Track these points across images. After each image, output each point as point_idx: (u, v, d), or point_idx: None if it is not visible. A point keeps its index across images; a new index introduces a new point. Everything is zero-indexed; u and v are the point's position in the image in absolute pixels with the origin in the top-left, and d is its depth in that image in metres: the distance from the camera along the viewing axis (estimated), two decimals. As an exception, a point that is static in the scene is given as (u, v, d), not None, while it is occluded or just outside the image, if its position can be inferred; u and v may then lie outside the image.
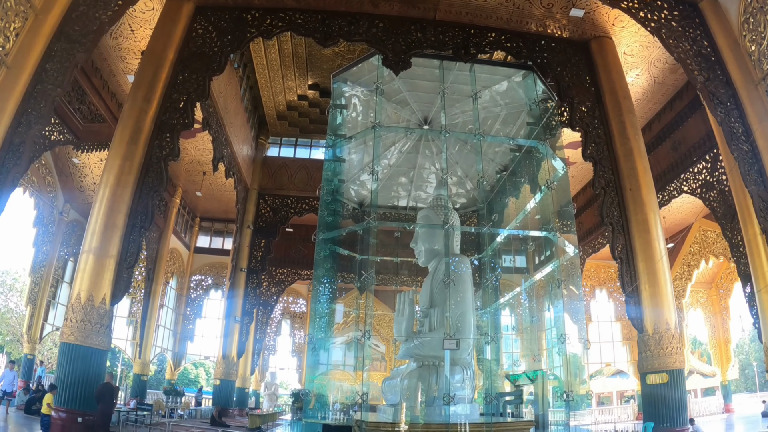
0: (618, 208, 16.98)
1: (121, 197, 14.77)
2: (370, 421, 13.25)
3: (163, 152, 15.81)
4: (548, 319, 27.58)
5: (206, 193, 30.75)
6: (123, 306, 30.27)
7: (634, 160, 17.10)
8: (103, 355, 14.54)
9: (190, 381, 54.82)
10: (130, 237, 14.83)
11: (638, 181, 16.87)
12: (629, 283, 16.34)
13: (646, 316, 15.88)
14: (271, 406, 29.94)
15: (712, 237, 26.57)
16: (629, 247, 16.53)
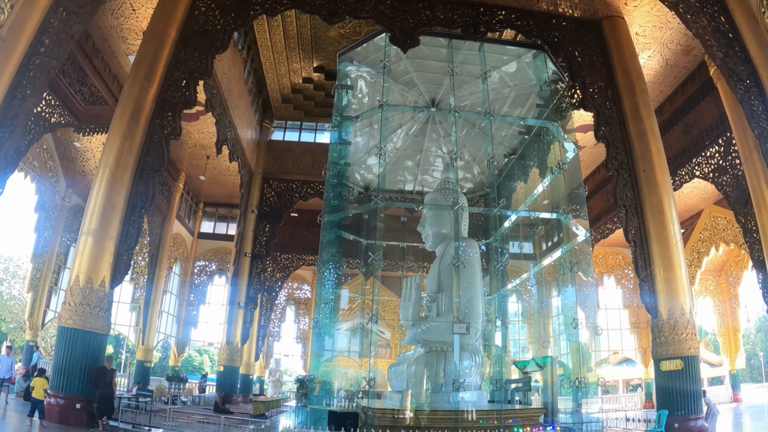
0: (631, 189, 16.64)
1: (121, 178, 14.40)
2: (377, 408, 12.93)
3: (165, 131, 15.41)
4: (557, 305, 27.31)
5: (210, 177, 30.37)
6: (126, 292, 30.04)
7: (647, 141, 16.75)
8: (103, 339, 14.20)
9: (194, 368, 54.78)
10: (130, 218, 14.46)
11: (652, 162, 16.53)
12: (643, 267, 15.98)
13: (660, 301, 15.56)
14: (276, 392, 29.67)
15: (722, 223, 26.11)
16: (643, 229, 16.21)
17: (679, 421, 14.59)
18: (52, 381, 13.53)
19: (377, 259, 14.24)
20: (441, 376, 14.50)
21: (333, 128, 15.93)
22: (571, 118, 17.95)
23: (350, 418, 11.48)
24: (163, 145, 15.26)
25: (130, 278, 29.88)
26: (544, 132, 18.26)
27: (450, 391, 14.20)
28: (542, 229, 26.69)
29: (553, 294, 25.99)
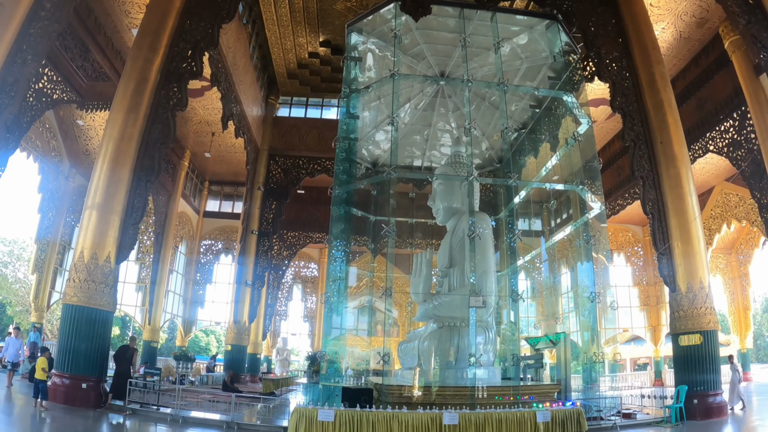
0: (648, 161, 16.25)
1: (125, 151, 14.06)
2: (391, 385, 12.70)
3: (170, 102, 15.06)
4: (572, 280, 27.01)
5: (215, 155, 29.96)
6: (132, 272, 29.93)
7: (664, 113, 16.34)
8: (109, 316, 13.91)
9: (201, 348, 54.71)
10: (135, 192, 14.13)
11: (669, 134, 16.15)
12: (661, 240, 15.67)
13: (678, 274, 15.28)
14: (284, 371, 29.49)
15: (734, 200, 25.72)
16: (660, 202, 15.85)
17: (698, 397, 14.37)
18: (57, 361, 13.24)
19: (390, 230, 13.90)
20: (454, 351, 14.27)
21: (342, 99, 15.50)
22: (584, 91, 17.56)
23: (364, 395, 11.19)
24: (169, 117, 14.92)
25: (136, 258, 29.68)
26: (555, 105, 18.00)
27: (464, 367, 13.98)
28: (554, 203, 26.38)
29: (563, 270, 25.81)
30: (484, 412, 10.80)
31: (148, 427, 11.27)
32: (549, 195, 26.49)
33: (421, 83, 17.51)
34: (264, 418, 13.15)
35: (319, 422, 10.10)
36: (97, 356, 13.25)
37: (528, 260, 20.14)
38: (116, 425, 11.25)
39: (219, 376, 24.98)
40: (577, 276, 16.85)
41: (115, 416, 12.07)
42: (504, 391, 13.04)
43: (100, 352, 13.43)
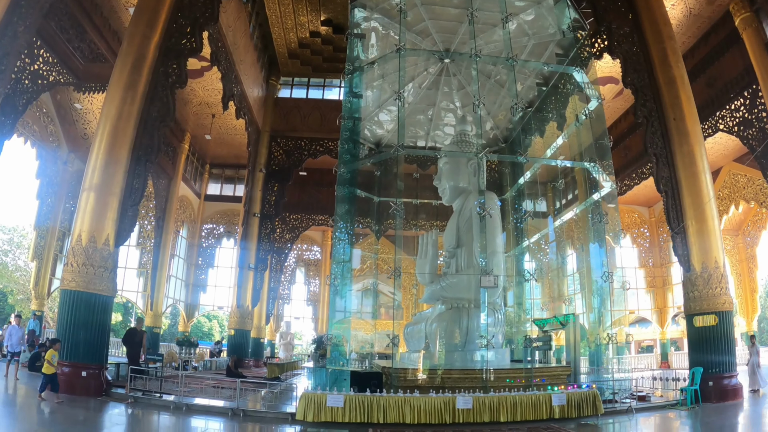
0: (661, 138, 15.91)
1: (123, 129, 13.58)
2: (400, 368, 12.40)
3: (170, 80, 14.61)
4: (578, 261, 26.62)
5: (216, 137, 29.46)
6: (133, 257, 29.63)
7: (677, 89, 16.00)
8: (109, 301, 13.49)
9: (203, 333, 54.51)
10: (134, 172, 13.69)
11: (682, 110, 15.83)
12: (675, 219, 15.35)
13: (693, 254, 15.00)
14: (287, 355, 29.26)
15: (742, 181, 25.31)
16: (674, 180, 15.53)
17: (713, 379, 14.11)
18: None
19: (398, 209, 13.50)
20: (463, 333, 14.01)
21: (346, 75, 15.05)
22: (593, 67, 17.12)
23: (374, 379, 10.88)
24: (168, 94, 14.47)
25: (137, 243, 29.37)
26: (563, 83, 17.63)
27: (473, 349, 13.81)
28: (561, 182, 26.08)
29: (569, 251, 25.45)
30: (498, 396, 10.55)
31: (151, 416, 10.91)
32: (557, 174, 26.16)
33: (425, 60, 17.12)
34: (270, 404, 12.85)
35: (329, 408, 9.80)
36: (97, 343, 12.86)
37: (534, 241, 19.75)
38: (118, 414, 10.87)
39: (223, 362, 24.72)
40: (588, 256, 16.45)
41: (117, 405, 11.68)
42: (515, 374, 12.84)
43: (100, 339, 13.03)
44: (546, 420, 10.78)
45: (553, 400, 10.91)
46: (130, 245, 29.06)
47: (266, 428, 10.14)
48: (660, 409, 13.21)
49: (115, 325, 49.19)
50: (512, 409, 10.54)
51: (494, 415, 10.36)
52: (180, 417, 10.70)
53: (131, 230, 13.86)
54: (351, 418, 9.84)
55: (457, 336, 14.08)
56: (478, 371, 12.47)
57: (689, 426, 11.29)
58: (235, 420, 10.64)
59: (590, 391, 11.51)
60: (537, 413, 10.74)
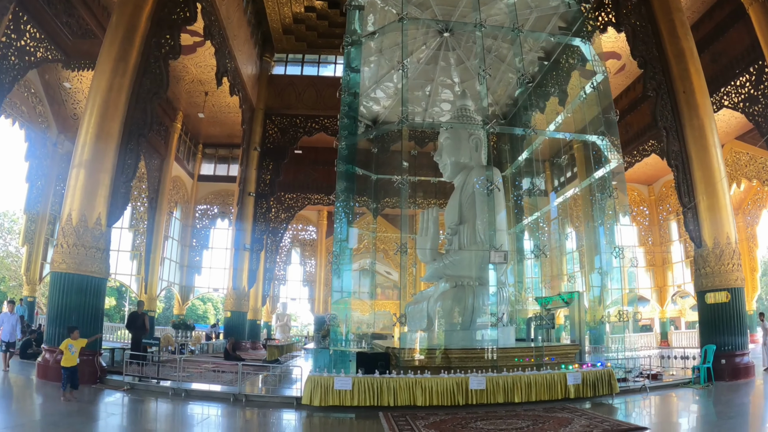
0: (671, 112, 15.45)
1: (115, 103, 12.94)
2: (407, 348, 11.99)
3: (162, 51, 14.00)
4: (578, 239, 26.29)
5: (209, 116, 28.80)
6: (126, 239, 28.99)
7: (686, 62, 15.54)
8: (101, 283, 12.89)
9: (198, 316, 53.98)
10: (127, 147, 13.07)
11: (691, 83, 15.36)
12: (686, 193, 14.99)
13: (704, 229, 14.66)
14: (284, 337, 28.85)
15: (744, 159, 24.95)
16: (684, 153, 15.10)
17: (726, 357, 13.78)
18: (47, 334, 12.33)
19: (404, 182, 13.03)
20: (469, 311, 13.64)
21: (346, 46, 14.48)
22: (597, 40, 16.60)
23: (381, 360, 10.43)
24: (161, 66, 13.85)
25: (130, 225, 28.81)
26: (565, 57, 17.29)
27: (479, 328, 13.43)
28: (564, 158, 25.64)
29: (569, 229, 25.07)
30: (512, 375, 10.20)
31: (148, 404, 10.43)
32: (557, 150, 25.74)
33: (424, 35, 16.64)
34: (273, 387, 12.36)
35: (336, 391, 9.36)
36: (89, 328, 12.12)
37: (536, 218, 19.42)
38: (113, 402, 10.35)
39: (220, 344, 24.31)
40: (594, 233, 16.07)
41: (112, 392, 11.15)
42: (524, 353, 12.51)
43: (93, 324, 12.38)
44: (561, 400, 10.47)
45: (568, 379, 10.58)
46: (123, 227, 28.55)
47: (271, 414, 9.69)
48: (673, 388, 12.91)
49: (109, 309, 48.66)
50: (527, 390, 10.19)
51: (509, 396, 10.01)
52: (179, 404, 10.22)
53: (124, 208, 13.30)
54: (360, 402, 9.42)
55: (462, 314, 13.71)
56: (485, 350, 12.05)
57: (709, 404, 10.92)
58: (237, 406, 10.18)
59: (605, 370, 11.19)
60: (552, 393, 10.40)
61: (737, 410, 10.49)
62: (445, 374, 9.93)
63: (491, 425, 8.24)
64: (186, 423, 9.12)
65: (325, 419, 9.19)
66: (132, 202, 28.37)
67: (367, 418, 9.15)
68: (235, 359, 18.24)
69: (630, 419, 9.22)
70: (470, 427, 8.06)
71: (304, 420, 9.13)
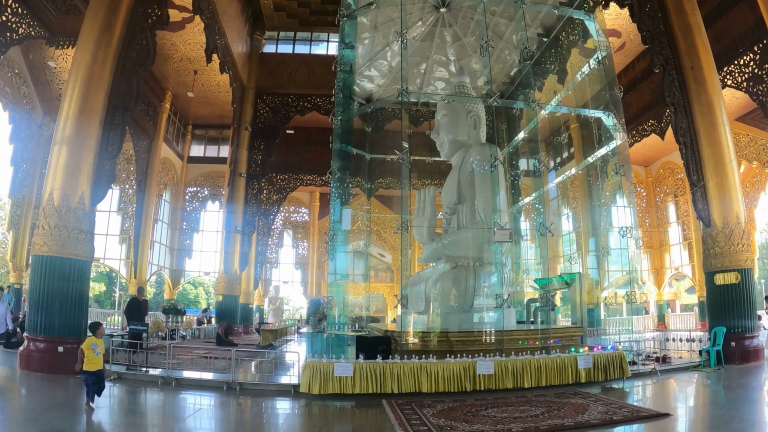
0: (679, 88, 15.04)
1: (99, 76, 12.20)
2: (407, 332, 11.49)
3: (149, 20, 13.27)
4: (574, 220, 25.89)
5: (198, 95, 28.06)
6: (114, 223, 28.31)
7: (693, 37, 15.20)
8: (86, 266, 12.21)
9: (189, 301, 53.34)
10: (112, 121, 12.34)
11: (699, 59, 14.97)
12: (695, 171, 14.62)
13: (713, 208, 14.31)
14: (277, 321, 28.35)
15: (744, 140, 24.66)
16: (693, 131, 14.69)
17: (736, 340, 13.47)
18: (29, 322, 11.62)
19: (404, 156, 12.45)
20: (471, 293, 13.30)
21: (341, 19, 13.87)
22: (600, 14, 16.05)
23: (382, 344, 9.90)
24: (147, 37, 13.11)
25: (118, 208, 28.11)
26: (566, 33, 17.02)
27: (481, 310, 13.06)
28: (565, 137, 25.16)
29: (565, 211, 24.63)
30: (521, 360, 9.73)
31: (137, 394, 9.82)
32: (558, 128, 25.25)
33: (420, 10, 16.14)
34: (268, 375, 11.84)
35: (336, 378, 8.81)
36: (74, 314, 11.61)
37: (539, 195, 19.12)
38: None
39: (211, 329, 23.75)
40: (598, 212, 15.64)
41: None
42: (528, 335, 12.18)
43: (77, 310, 11.75)
44: (572, 384, 10.05)
45: (579, 362, 10.13)
46: (111, 211, 27.85)
47: (267, 404, 9.14)
48: (683, 371, 12.51)
49: (100, 295, 47.98)
50: (536, 374, 9.74)
51: (518, 381, 9.55)
52: (169, 394, 9.62)
53: (108, 187, 12.57)
54: (362, 389, 8.89)
55: (462, 296, 13.32)
56: (488, 333, 11.62)
57: (724, 388, 10.52)
58: (230, 395, 9.58)
59: (616, 353, 10.78)
60: (562, 377, 9.97)
61: (755, 394, 10.08)
62: (451, 359, 9.42)
63: (503, 413, 7.76)
64: (177, 415, 8.52)
65: (325, 408, 8.65)
66: (120, 185, 27.69)
67: (369, 406, 8.63)
68: (227, 344, 17.70)
69: (648, 405, 8.74)
70: (481, 415, 7.57)
71: (303, 409, 8.58)
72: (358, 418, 8.34)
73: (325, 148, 30.79)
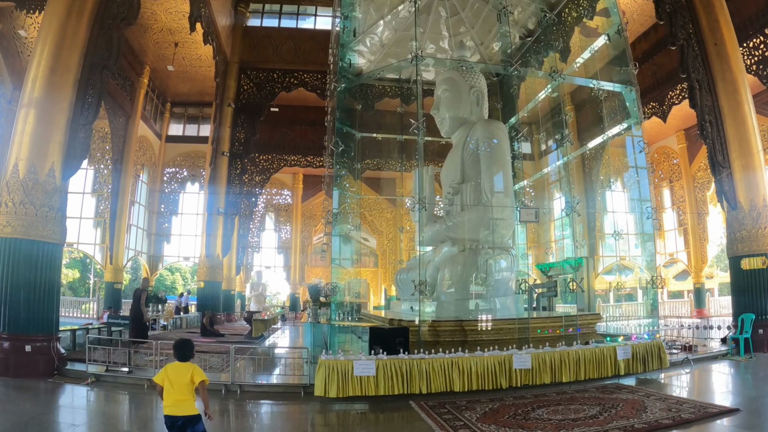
0: (702, 64, 14.34)
1: (74, 30, 10.68)
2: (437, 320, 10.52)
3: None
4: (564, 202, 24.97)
5: (178, 70, 26.52)
6: (89, 205, 26.47)
7: (715, 12, 14.42)
8: (56, 251, 10.62)
9: (166, 288, 51.55)
10: (88, 82, 10.80)
11: (722, 36, 14.27)
12: (720, 152, 13.86)
13: (739, 190, 13.64)
14: (260, 308, 27.13)
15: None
16: (717, 109, 14.00)
17: (763, 327, 12.72)
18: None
19: (420, 128, 11.32)
20: (482, 278, 12.21)
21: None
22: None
23: (400, 336, 8.70)
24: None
25: (93, 189, 26.41)
26: (569, 9, 15.73)
27: (493, 296, 12.17)
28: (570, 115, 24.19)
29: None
30: (559, 351, 8.80)
31: (119, 403, 8.37)
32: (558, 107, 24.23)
33: None
34: (270, 373, 10.52)
35: (356, 378, 7.61)
36: (43, 307, 10.13)
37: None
38: (74, 403, 8.25)
39: (193, 318, 22.47)
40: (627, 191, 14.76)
41: (74, 387, 8.96)
42: (547, 324, 11.13)
43: (47, 301, 10.24)
44: (611, 377, 9.17)
45: (618, 353, 9.22)
46: (86, 192, 26.18)
47: (276, 410, 7.86)
48: (713, 360, 11.76)
49: (73, 282, 46.12)
50: (575, 367, 8.79)
51: (556, 375, 8.60)
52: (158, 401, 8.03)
53: (83, 157, 11.01)
54: (386, 390, 7.67)
55: (473, 282, 12.22)
56: (505, 321, 10.69)
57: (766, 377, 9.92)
58: (230, 399, 8.25)
59: (654, 342, 10.00)
60: (601, 370, 9.07)
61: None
62: (480, 352, 8.31)
63: (554, 413, 6.73)
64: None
65: (345, 414, 7.44)
66: (95, 164, 25.97)
67: (397, 410, 7.43)
68: (213, 335, 16.54)
69: (704, 398, 7.80)
70: (534, 419, 6.48)
71: (319, 416, 7.34)
72: (389, 425, 7.15)
73: (310, 127, 29.96)
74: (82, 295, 41.09)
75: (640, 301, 29.98)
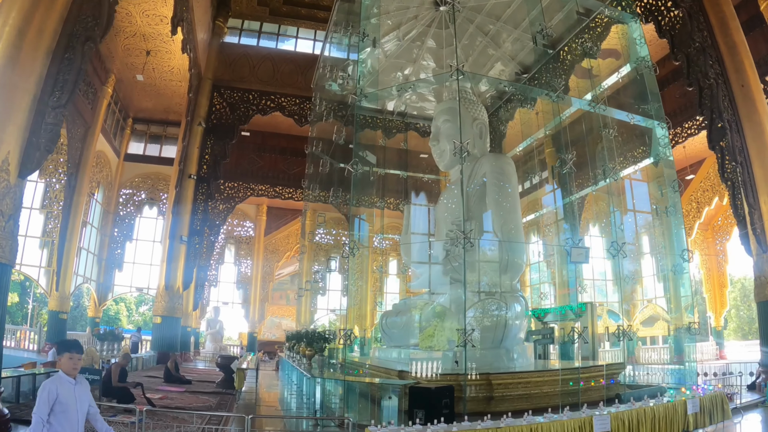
0: (730, 105, 14.60)
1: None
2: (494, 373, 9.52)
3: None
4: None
5: (147, 83, 24.78)
6: (35, 223, 23.80)
7: (740, 54, 14.88)
8: (4, 272, 8.26)
9: (110, 319, 48.39)
10: (64, 56, 8.88)
11: (748, 77, 14.68)
12: (750, 193, 14.00)
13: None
14: (215, 347, 25.03)
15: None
16: (745, 150, 14.25)
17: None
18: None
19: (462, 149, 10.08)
20: (501, 325, 11.28)
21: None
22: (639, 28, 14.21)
23: (445, 396, 6.97)
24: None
25: (42, 205, 23.86)
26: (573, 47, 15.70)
27: (510, 346, 11.45)
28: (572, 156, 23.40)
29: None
30: (636, 409, 7.86)
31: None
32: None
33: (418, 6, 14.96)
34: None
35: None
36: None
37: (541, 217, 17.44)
38: None
39: (149, 359, 20.13)
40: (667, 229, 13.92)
41: None
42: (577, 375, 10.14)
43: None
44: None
45: (688, 407, 8.69)
46: (33, 208, 23.61)
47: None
48: (753, 408, 11.81)
49: (10, 307, 42.75)
50: (651, 425, 8.01)
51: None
52: None
53: (49, 150, 8.80)
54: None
55: (491, 330, 11.19)
56: (536, 374, 9.92)
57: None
58: None
59: (718, 394, 9.77)
60: (672, 426, 8.46)
61: None
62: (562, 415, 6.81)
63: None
64: None
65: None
66: (47, 178, 23.57)
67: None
68: (179, 382, 14.57)
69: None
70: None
71: None
72: None
73: (280, 156, 28.53)
74: (19, 321, 38.13)
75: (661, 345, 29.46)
